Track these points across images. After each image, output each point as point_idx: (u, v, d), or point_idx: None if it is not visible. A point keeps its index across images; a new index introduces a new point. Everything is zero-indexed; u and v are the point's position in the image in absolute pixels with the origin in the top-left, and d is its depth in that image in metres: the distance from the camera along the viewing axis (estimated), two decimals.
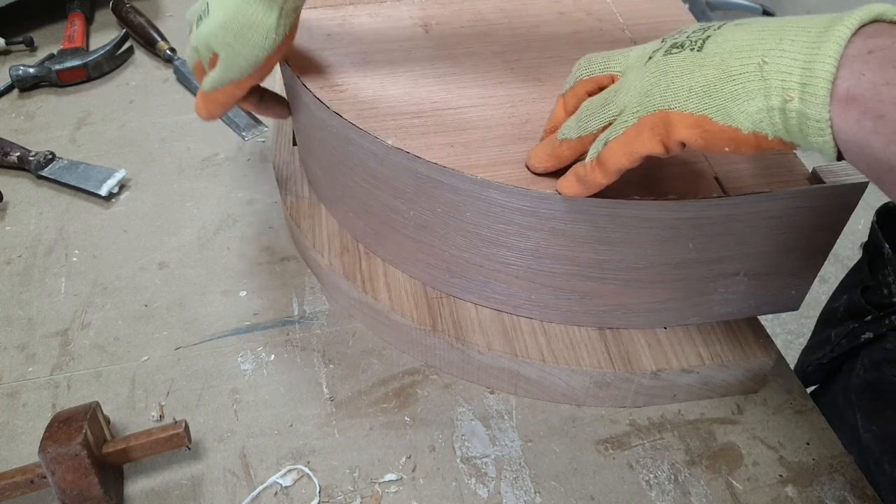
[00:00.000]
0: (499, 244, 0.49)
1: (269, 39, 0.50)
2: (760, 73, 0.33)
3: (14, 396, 0.56)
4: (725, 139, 0.35)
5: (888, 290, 0.61)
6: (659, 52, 0.38)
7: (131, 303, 0.63)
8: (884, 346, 0.61)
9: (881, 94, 0.30)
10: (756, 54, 0.33)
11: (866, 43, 0.31)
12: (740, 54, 0.34)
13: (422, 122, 0.50)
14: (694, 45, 0.36)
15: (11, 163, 0.75)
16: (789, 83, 0.32)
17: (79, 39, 0.93)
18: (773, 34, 0.33)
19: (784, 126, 0.33)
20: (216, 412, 0.55)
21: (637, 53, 0.41)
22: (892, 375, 0.59)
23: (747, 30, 0.35)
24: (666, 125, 0.37)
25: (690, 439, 0.53)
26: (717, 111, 0.35)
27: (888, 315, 0.61)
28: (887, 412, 0.60)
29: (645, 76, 0.38)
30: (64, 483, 0.46)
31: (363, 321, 0.60)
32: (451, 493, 0.50)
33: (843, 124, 0.31)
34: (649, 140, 0.38)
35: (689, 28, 0.39)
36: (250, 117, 0.83)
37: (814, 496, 0.50)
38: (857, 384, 0.63)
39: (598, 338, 0.54)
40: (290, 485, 0.51)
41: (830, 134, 0.32)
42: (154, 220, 0.71)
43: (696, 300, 0.52)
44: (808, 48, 0.31)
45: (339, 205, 0.60)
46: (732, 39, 0.35)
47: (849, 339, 0.64)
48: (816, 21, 0.32)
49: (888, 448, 0.59)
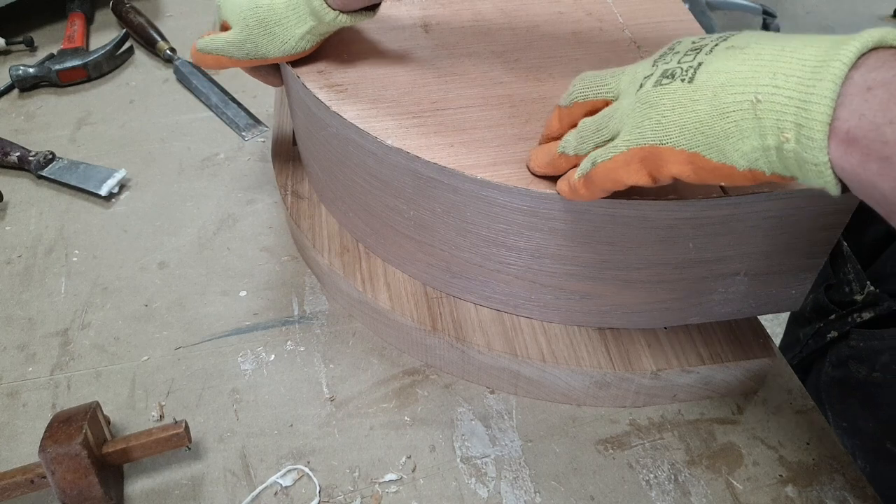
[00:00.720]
0: (499, 244, 0.49)
1: (288, 45, 0.51)
2: (754, 112, 0.32)
3: (14, 396, 0.56)
4: (719, 176, 0.35)
5: (849, 288, 0.61)
6: (650, 79, 0.37)
7: (131, 303, 0.63)
8: (848, 343, 0.61)
9: (885, 135, 0.28)
10: (749, 90, 0.32)
11: (865, 78, 0.29)
12: (733, 88, 0.33)
13: (422, 122, 0.50)
14: (685, 75, 0.35)
15: (11, 163, 0.75)
16: (784, 123, 0.31)
17: (79, 39, 0.93)
18: (767, 67, 0.32)
19: (782, 164, 0.32)
20: (216, 412, 0.55)
21: (629, 77, 0.40)
22: (858, 372, 0.60)
23: (740, 59, 0.33)
24: (657, 160, 0.36)
25: (690, 439, 0.53)
26: (711, 149, 0.34)
27: (850, 313, 0.61)
28: (855, 408, 0.61)
29: (636, 107, 0.37)
30: (64, 483, 0.46)
31: (363, 321, 0.60)
32: (451, 493, 0.50)
33: (846, 165, 0.29)
34: (636, 171, 0.38)
35: (680, 46, 0.38)
36: (250, 117, 0.83)
37: (814, 496, 0.50)
38: (826, 382, 0.64)
39: (598, 338, 0.54)
40: (290, 485, 0.51)
41: (831, 174, 0.30)
42: (154, 220, 0.71)
43: (696, 300, 0.52)
44: (804, 86, 0.30)
45: (339, 205, 0.60)
46: (724, 70, 0.33)
47: (815, 339, 0.65)
48: (812, 51, 0.31)
49: (859, 444, 0.60)
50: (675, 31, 0.58)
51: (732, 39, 0.35)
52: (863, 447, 0.60)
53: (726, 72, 0.33)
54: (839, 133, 0.29)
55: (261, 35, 0.52)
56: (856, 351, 0.60)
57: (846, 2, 2.98)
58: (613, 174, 0.38)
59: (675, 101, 0.35)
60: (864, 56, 0.29)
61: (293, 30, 0.51)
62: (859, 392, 0.60)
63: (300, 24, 0.50)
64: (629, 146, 0.37)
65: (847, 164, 0.29)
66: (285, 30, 0.51)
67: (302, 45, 0.52)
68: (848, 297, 0.61)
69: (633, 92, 0.38)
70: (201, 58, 0.56)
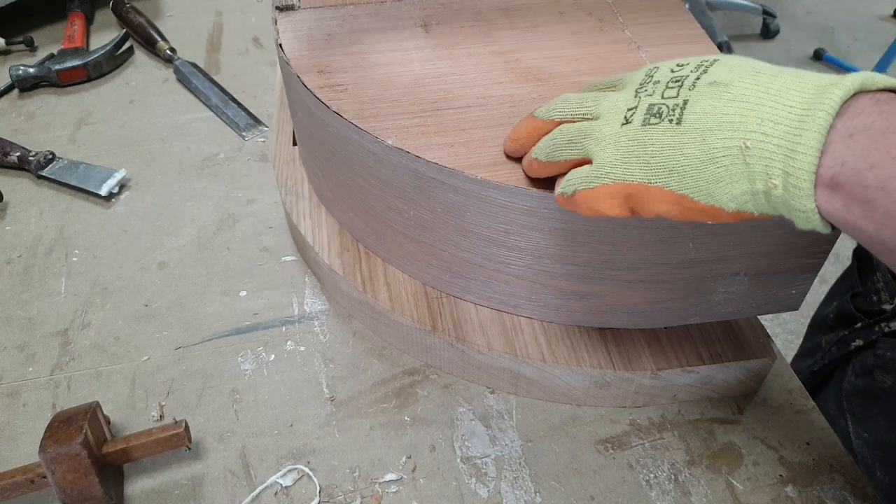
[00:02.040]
0: (499, 244, 0.49)
1: None
2: (743, 158, 0.32)
3: (14, 396, 0.56)
4: (707, 216, 0.35)
5: (877, 297, 0.61)
6: (636, 114, 0.37)
7: (131, 303, 0.63)
8: (874, 352, 0.61)
9: (866, 180, 0.29)
10: (738, 135, 0.32)
11: (847, 125, 0.30)
12: (722, 133, 0.33)
13: (422, 122, 0.50)
14: (672, 115, 0.35)
15: (11, 163, 0.75)
16: (773, 170, 0.31)
17: (79, 39, 0.93)
18: (754, 111, 0.32)
19: (770, 206, 0.33)
20: (216, 412, 0.55)
21: (610, 104, 0.39)
22: (884, 382, 0.59)
23: (725, 99, 0.33)
24: (642, 197, 0.36)
25: (690, 439, 0.53)
26: (699, 192, 0.34)
27: (878, 322, 0.60)
28: (878, 419, 0.60)
29: (621, 141, 0.37)
30: (64, 483, 0.46)
31: (363, 321, 0.60)
32: (451, 493, 0.50)
33: (831, 209, 0.30)
34: (618, 206, 0.38)
35: (659, 74, 0.37)
36: (250, 117, 0.83)
37: (814, 496, 0.50)
38: (849, 391, 0.63)
39: (598, 338, 0.54)
40: (290, 485, 0.51)
41: (819, 218, 0.31)
42: (154, 220, 0.71)
43: (696, 300, 0.52)
44: (791, 134, 0.31)
45: (339, 205, 0.60)
46: (712, 112, 0.34)
47: (839, 347, 0.64)
48: (797, 96, 0.31)
49: (879, 455, 0.59)
50: (675, 32, 0.58)
51: (713, 71, 0.35)
52: (884, 459, 0.59)
53: (713, 114, 0.34)
54: (824, 179, 0.30)
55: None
56: (882, 360, 0.60)
57: (846, 2, 2.98)
58: (595, 203, 0.38)
59: (664, 142, 0.35)
60: (846, 102, 0.30)
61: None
62: (884, 402, 0.59)
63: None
64: (614, 180, 0.37)
65: (832, 208, 0.30)
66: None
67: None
68: (876, 307, 0.61)
69: (617, 123, 0.38)
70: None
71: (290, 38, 0.57)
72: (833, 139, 0.30)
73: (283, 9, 0.61)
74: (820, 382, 0.68)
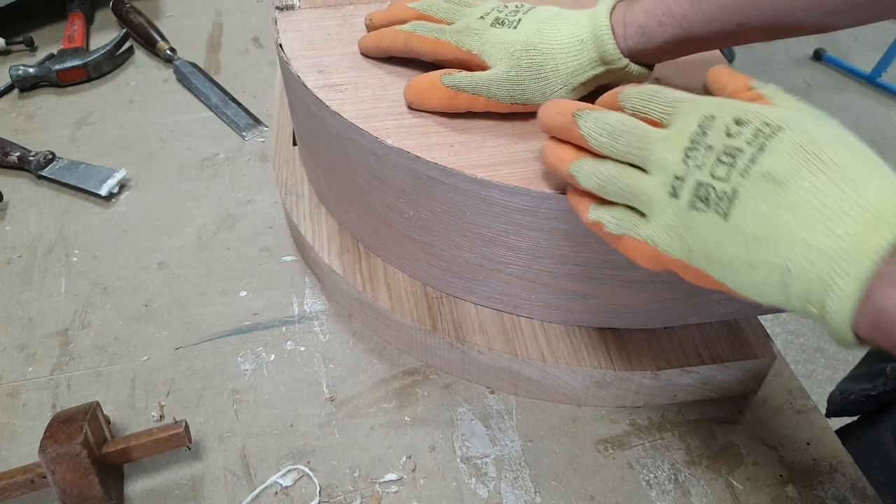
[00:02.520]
0: (499, 244, 0.49)
1: (558, 94, 0.47)
2: (783, 277, 0.32)
3: (14, 396, 0.56)
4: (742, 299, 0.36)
5: None
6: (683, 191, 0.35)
7: (131, 303, 0.63)
8: None
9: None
10: (780, 253, 0.32)
11: (892, 273, 0.29)
12: (766, 245, 0.32)
13: (422, 122, 0.50)
14: (719, 206, 0.34)
15: (11, 163, 0.75)
16: (812, 297, 0.31)
17: (79, 39, 0.93)
18: (803, 232, 0.31)
19: (805, 313, 0.33)
20: (216, 412, 0.55)
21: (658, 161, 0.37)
22: None
23: (776, 204, 0.32)
24: (681, 270, 0.37)
25: (690, 439, 0.53)
26: (736, 286, 0.34)
27: None
28: None
29: (666, 214, 0.36)
30: (64, 483, 0.46)
31: (363, 321, 0.60)
32: (451, 493, 0.50)
33: (866, 337, 0.30)
34: (657, 266, 0.38)
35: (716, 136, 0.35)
36: (250, 117, 0.83)
37: (814, 496, 0.50)
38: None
39: (598, 338, 0.54)
40: (290, 485, 0.51)
41: (853, 339, 0.31)
42: (154, 220, 0.71)
43: (696, 300, 0.52)
44: (833, 272, 0.30)
45: (339, 205, 0.60)
46: (760, 216, 0.32)
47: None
48: (852, 223, 0.30)
49: None
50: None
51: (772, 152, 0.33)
52: None
53: (761, 219, 0.32)
54: (863, 319, 0.30)
55: (531, 79, 0.47)
56: None
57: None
58: (635, 256, 0.39)
59: (708, 233, 0.35)
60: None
61: (571, 78, 0.46)
62: None
63: (581, 72, 0.46)
64: (657, 247, 0.37)
65: (867, 336, 0.30)
66: (561, 76, 0.46)
67: (573, 96, 0.47)
68: None
69: (665, 192, 0.37)
70: (443, 94, 0.49)
71: (290, 38, 0.57)
72: (877, 285, 0.29)
73: (283, 9, 0.61)
74: (876, 408, 0.66)
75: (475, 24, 0.49)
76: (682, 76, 0.55)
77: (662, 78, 0.55)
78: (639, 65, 0.46)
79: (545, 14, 0.48)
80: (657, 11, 0.43)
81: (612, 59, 0.45)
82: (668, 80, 0.54)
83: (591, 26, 0.45)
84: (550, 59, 0.46)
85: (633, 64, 0.46)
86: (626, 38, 0.45)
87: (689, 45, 0.45)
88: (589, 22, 0.46)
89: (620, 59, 0.45)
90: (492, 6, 0.50)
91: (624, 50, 0.45)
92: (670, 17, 0.43)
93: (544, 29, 0.47)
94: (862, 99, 1.01)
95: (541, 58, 0.46)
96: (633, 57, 0.46)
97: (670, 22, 0.43)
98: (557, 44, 0.46)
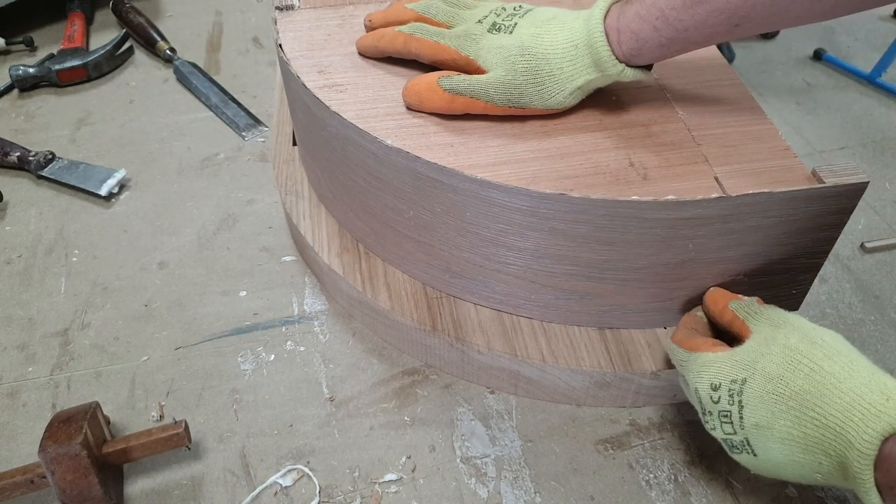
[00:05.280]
0: (499, 244, 0.49)
1: (555, 99, 0.48)
2: (817, 463, 0.38)
3: (14, 396, 0.56)
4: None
5: None
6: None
7: (131, 303, 0.63)
8: None
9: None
10: (815, 443, 0.38)
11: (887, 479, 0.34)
12: (793, 467, 0.40)
13: (421, 122, 0.50)
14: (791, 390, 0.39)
15: (11, 163, 0.75)
16: (834, 479, 0.38)
17: (79, 39, 0.93)
18: (835, 423, 0.37)
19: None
20: (216, 412, 0.55)
21: None
22: None
23: (766, 449, 0.41)
24: None
25: (690, 439, 0.53)
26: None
27: None
28: None
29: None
30: (64, 483, 0.46)
31: (363, 321, 0.60)
32: (451, 493, 0.50)
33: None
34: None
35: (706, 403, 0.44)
36: (250, 117, 0.83)
37: (814, 496, 0.50)
38: None
39: (598, 338, 0.54)
40: (290, 485, 0.51)
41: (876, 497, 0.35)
42: (154, 220, 0.71)
43: (696, 300, 0.52)
44: (860, 462, 0.35)
45: (339, 205, 0.60)
46: (787, 445, 0.40)
47: None
48: (868, 438, 0.35)
49: None
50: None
51: (749, 408, 0.41)
52: None
53: (785, 452, 0.40)
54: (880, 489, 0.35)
55: (527, 83, 0.47)
56: None
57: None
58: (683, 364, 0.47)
59: (767, 405, 0.41)
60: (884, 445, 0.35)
61: (566, 83, 0.47)
62: None
63: (576, 76, 0.47)
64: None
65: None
66: (557, 82, 0.47)
67: (570, 101, 0.48)
68: None
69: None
70: (441, 97, 0.49)
71: (290, 39, 0.57)
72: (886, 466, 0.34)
73: (283, 9, 0.61)
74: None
75: (473, 28, 0.50)
76: (682, 76, 0.55)
77: (662, 78, 0.55)
78: (635, 67, 0.46)
79: (541, 18, 0.48)
80: (650, 17, 0.44)
81: (606, 65, 0.46)
82: (668, 80, 0.54)
83: (585, 31, 0.46)
84: (546, 64, 0.47)
85: (629, 68, 0.46)
86: (621, 44, 0.45)
87: (685, 47, 0.45)
88: (583, 27, 0.46)
89: (615, 65, 0.46)
90: (490, 9, 0.51)
91: (619, 55, 0.46)
92: (664, 21, 0.43)
93: (540, 33, 0.47)
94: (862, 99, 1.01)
95: (536, 63, 0.47)
96: (628, 61, 0.46)
97: (664, 27, 0.43)
98: (553, 49, 0.47)
